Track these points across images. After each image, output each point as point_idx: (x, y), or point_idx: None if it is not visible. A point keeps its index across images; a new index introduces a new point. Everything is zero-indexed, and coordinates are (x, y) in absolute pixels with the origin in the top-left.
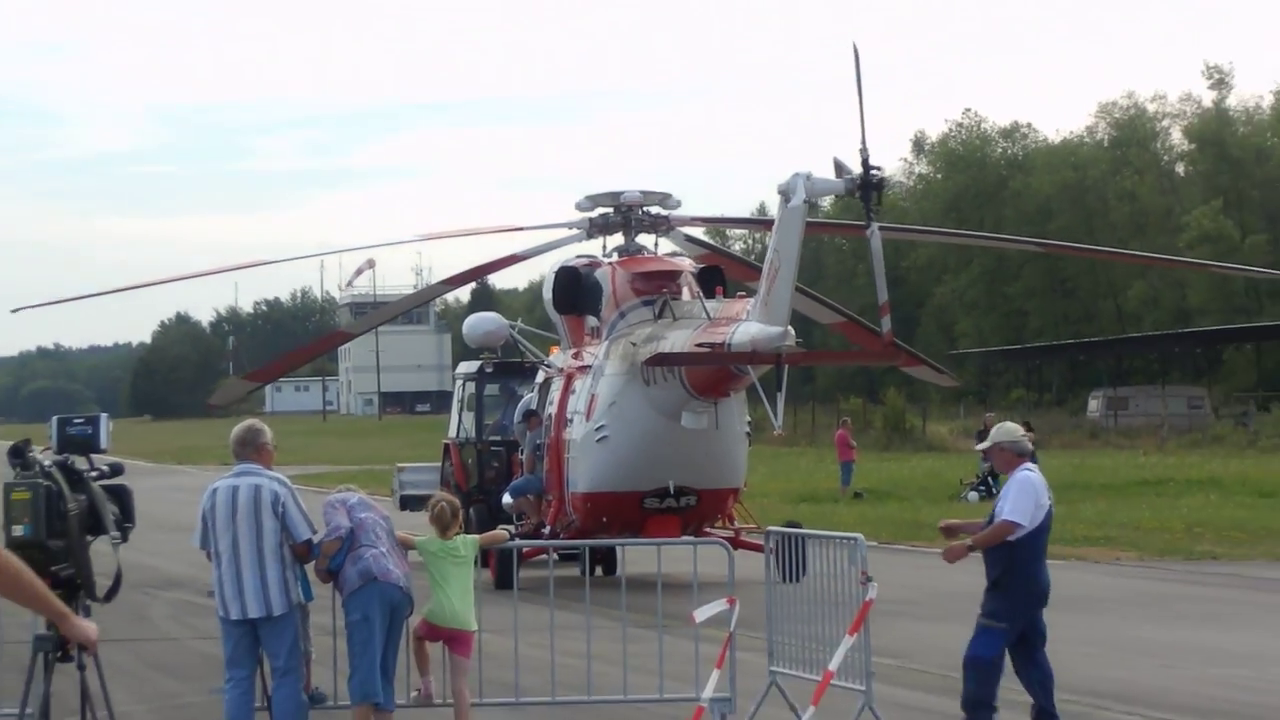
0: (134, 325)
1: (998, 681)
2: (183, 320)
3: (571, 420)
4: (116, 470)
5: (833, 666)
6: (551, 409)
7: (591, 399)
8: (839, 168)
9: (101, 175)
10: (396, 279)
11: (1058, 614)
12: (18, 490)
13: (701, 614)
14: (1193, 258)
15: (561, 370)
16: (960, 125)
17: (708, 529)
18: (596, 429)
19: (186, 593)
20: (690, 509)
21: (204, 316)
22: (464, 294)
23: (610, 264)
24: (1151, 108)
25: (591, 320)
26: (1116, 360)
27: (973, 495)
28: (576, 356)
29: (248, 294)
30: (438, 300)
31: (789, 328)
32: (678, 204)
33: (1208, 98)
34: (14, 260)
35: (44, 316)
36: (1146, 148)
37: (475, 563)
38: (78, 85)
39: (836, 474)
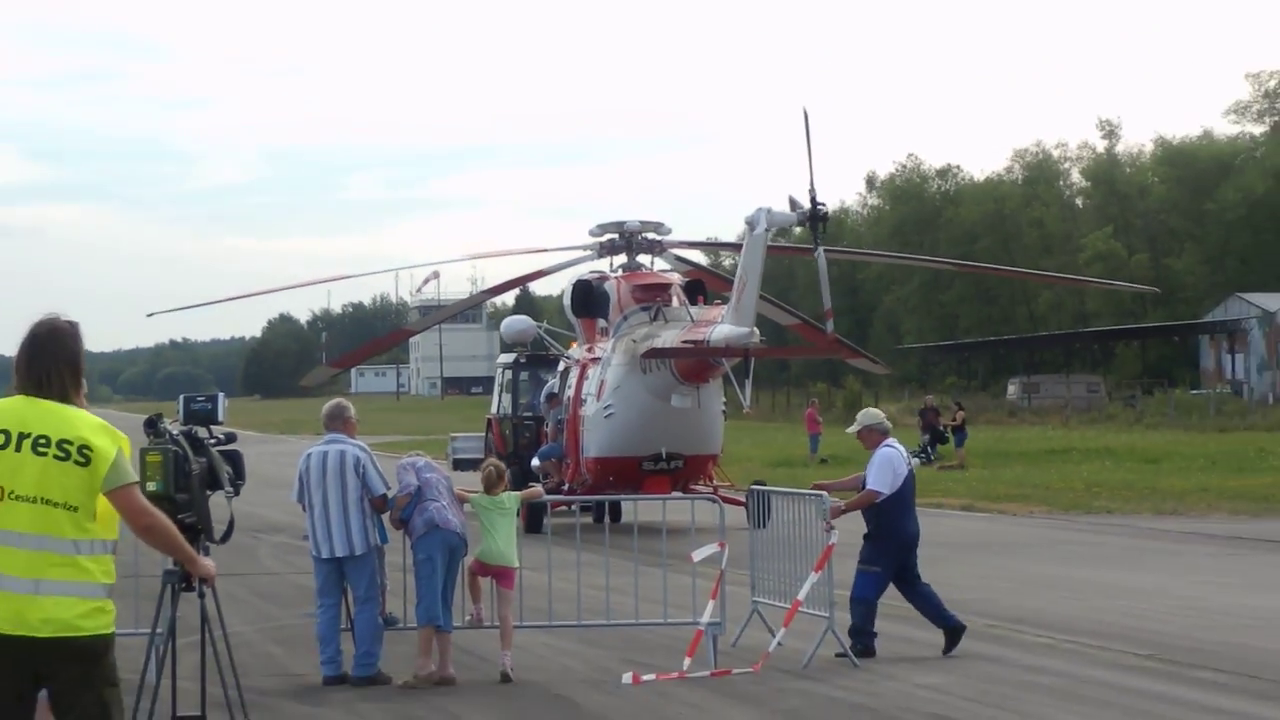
0: (247, 322)
1: (875, 614)
2: (285, 319)
3: (585, 401)
4: (231, 438)
5: (800, 596)
6: (570, 392)
7: (601, 384)
8: (793, 204)
9: (222, 204)
10: (456, 287)
11: (985, 555)
12: (151, 454)
13: (698, 555)
14: (1089, 273)
15: (578, 361)
16: (904, 166)
17: (693, 486)
18: (605, 407)
19: (286, 537)
20: (679, 471)
21: (303, 316)
22: (510, 299)
23: (616, 278)
24: (1056, 153)
25: (601, 322)
26: (1030, 354)
27: (914, 461)
28: (589, 351)
29: (338, 298)
30: (489, 303)
31: (754, 328)
32: (669, 231)
33: (1101, 145)
34: (153, 272)
35: (175, 316)
36: (1052, 185)
37: (517, 514)
38: (204, 132)
39: (806, 444)
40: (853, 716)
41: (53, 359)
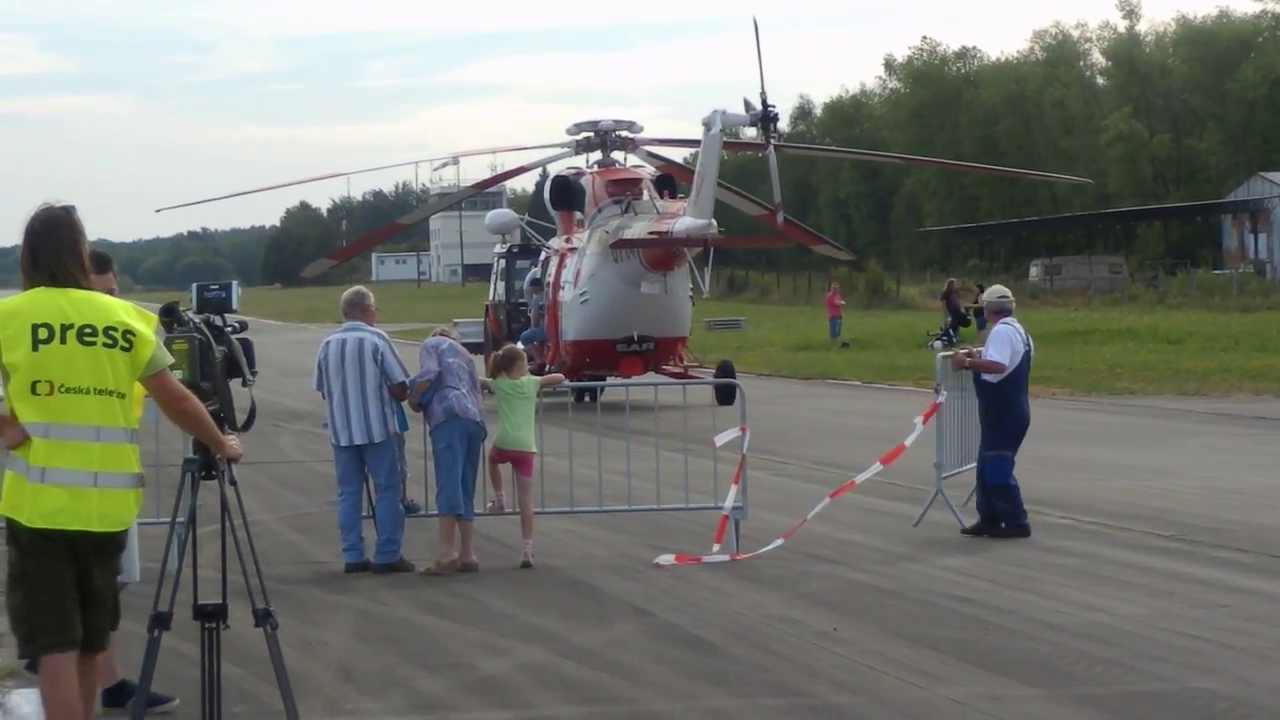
0: (267, 211)
1: (1019, 495)
2: (305, 207)
3: (564, 288)
4: (242, 327)
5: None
6: (550, 279)
7: (577, 272)
8: (747, 106)
9: (240, 93)
10: (478, 174)
11: None
12: (178, 342)
13: (720, 439)
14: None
15: (557, 251)
16: (922, 49)
17: (664, 367)
18: (581, 294)
19: (307, 425)
20: (650, 352)
21: (322, 205)
22: (529, 185)
23: (591, 174)
24: (1075, 33)
25: (578, 214)
26: (1051, 235)
27: (936, 344)
28: (568, 241)
29: (358, 186)
30: (510, 192)
31: (712, 220)
32: (641, 129)
33: (1121, 25)
34: (170, 160)
35: (194, 206)
36: (1072, 65)
37: (536, 397)
38: (222, 22)
39: (828, 328)
40: (875, 599)
41: (53, 254)
